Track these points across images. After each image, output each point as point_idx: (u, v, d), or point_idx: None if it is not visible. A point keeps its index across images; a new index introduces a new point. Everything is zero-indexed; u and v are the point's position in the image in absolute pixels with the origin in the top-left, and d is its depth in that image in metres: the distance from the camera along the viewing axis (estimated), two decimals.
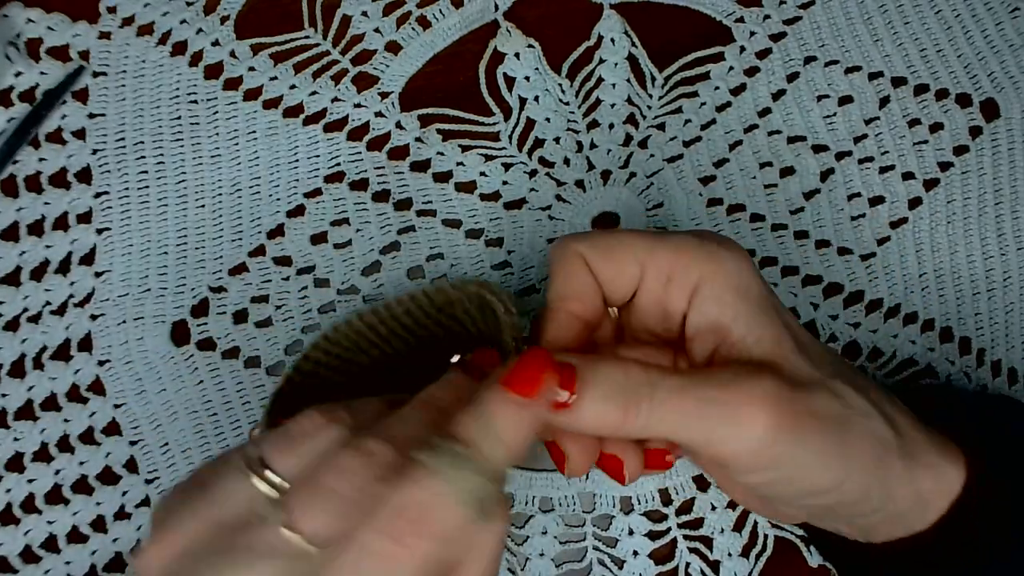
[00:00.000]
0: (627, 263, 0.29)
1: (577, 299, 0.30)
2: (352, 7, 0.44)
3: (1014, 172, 0.44)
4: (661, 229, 0.33)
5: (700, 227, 0.40)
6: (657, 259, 0.29)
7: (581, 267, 0.30)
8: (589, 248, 0.30)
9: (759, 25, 0.44)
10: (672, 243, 0.29)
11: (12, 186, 0.41)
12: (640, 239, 0.30)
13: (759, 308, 0.29)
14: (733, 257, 0.29)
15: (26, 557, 0.39)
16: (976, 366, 0.42)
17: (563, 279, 0.30)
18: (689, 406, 0.26)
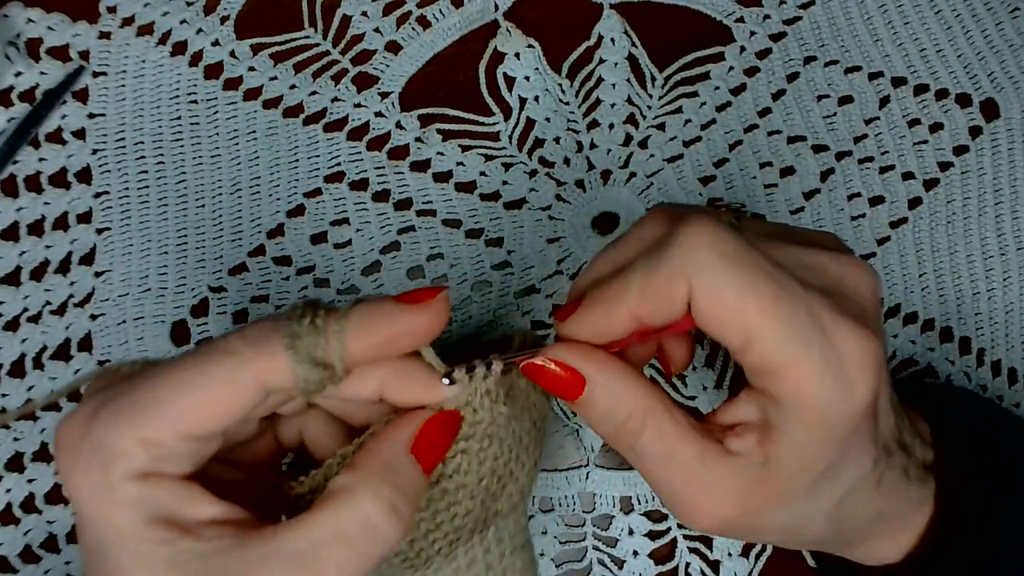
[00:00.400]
0: (733, 329, 0.25)
1: (651, 314, 0.26)
2: (352, 7, 0.44)
3: (1014, 172, 0.44)
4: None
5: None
6: (769, 349, 0.24)
7: (681, 294, 0.25)
8: (704, 288, 0.25)
9: (759, 25, 0.44)
10: (798, 348, 0.24)
11: (12, 186, 0.41)
12: (765, 315, 0.24)
13: (820, 450, 0.26)
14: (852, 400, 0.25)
15: (26, 557, 0.39)
16: (976, 366, 0.42)
17: (654, 292, 0.26)
18: (656, 470, 0.27)
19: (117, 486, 0.23)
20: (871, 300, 0.27)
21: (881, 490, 0.28)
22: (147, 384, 0.24)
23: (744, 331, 0.24)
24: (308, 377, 0.24)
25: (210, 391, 0.23)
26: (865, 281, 0.27)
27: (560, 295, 0.42)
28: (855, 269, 0.27)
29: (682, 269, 0.25)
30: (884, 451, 0.28)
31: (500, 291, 0.42)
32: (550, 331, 0.41)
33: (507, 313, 0.41)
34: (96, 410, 0.24)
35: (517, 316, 0.41)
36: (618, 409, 0.27)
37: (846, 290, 0.26)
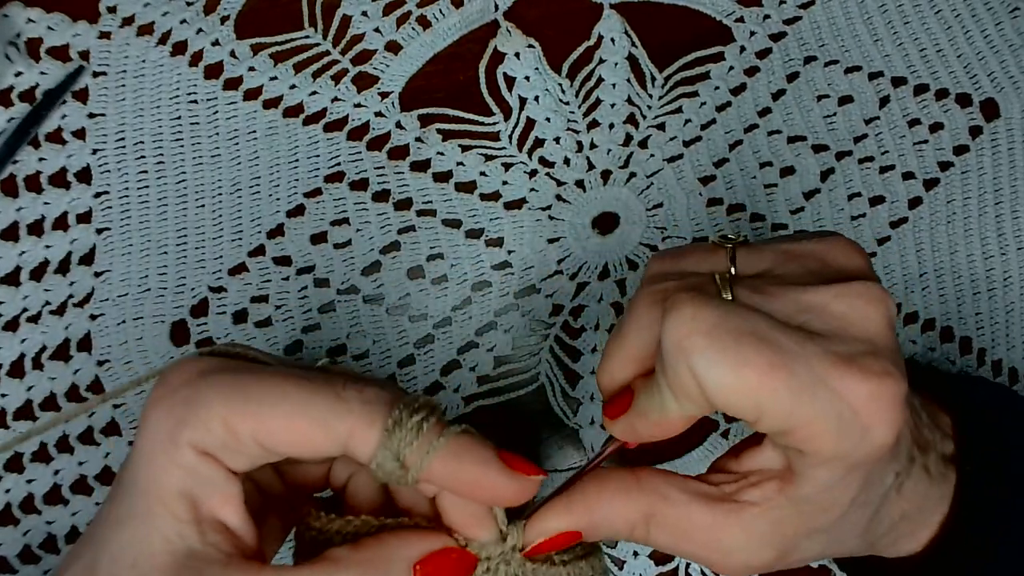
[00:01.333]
0: (744, 405, 0.24)
1: (698, 408, 0.26)
2: (352, 7, 0.44)
3: (1014, 172, 0.44)
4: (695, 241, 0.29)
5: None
6: (779, 417, 0.24)
7: (690, 382, 0.25)
8: (704, 374, 0.24)
9: (759, 25, 0.44)
10: (807, 410, 0.24)
11: (12, 186, 0.41)
12: (766, 387, 0.23)
13: (845, 484, 0.25)
14: (872, 443, 0.24)
15: (25, 557, 0.39)
16: (977, 366, 0.42)
17: (668, 383, 0.25)
18: (679, 549, 0.28)
19: (181, 446, 0.24)
20: (882, 332, 0.25)
21: (903, 493, 0.28)
22: (258, 379, 0.24)
23: (752, 405, 0.24)
24: (383, 465, 0.24)
25: (303, 418, 0.24)
26: (873, 314, 0.25)
27: (560, 295, 0.42)
28: (860, 303, 0.25)
29: (680, 365, 0.24)
30: (907, 460, 0.28)
31: (500, 291, 0.42)
32: (550, 330, 0.41)
33: (507, 313, 0.41)
34: (207, 372, 0.24)
35: (517, 316, 0.41)
36: (620, 529, 0.28)
37: (852, 329, 0.25)
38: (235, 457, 0.24)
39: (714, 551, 0.27)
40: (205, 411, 0.24)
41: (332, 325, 0.41)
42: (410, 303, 0.41)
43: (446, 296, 0.41)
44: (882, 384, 0.24)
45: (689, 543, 0.27)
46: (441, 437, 0.25)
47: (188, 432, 0.24)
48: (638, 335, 0.27)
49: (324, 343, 0.41)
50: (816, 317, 0.25)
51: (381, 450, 0.24)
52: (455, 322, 0.41)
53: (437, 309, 0.41)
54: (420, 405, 0.25)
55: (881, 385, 0.24)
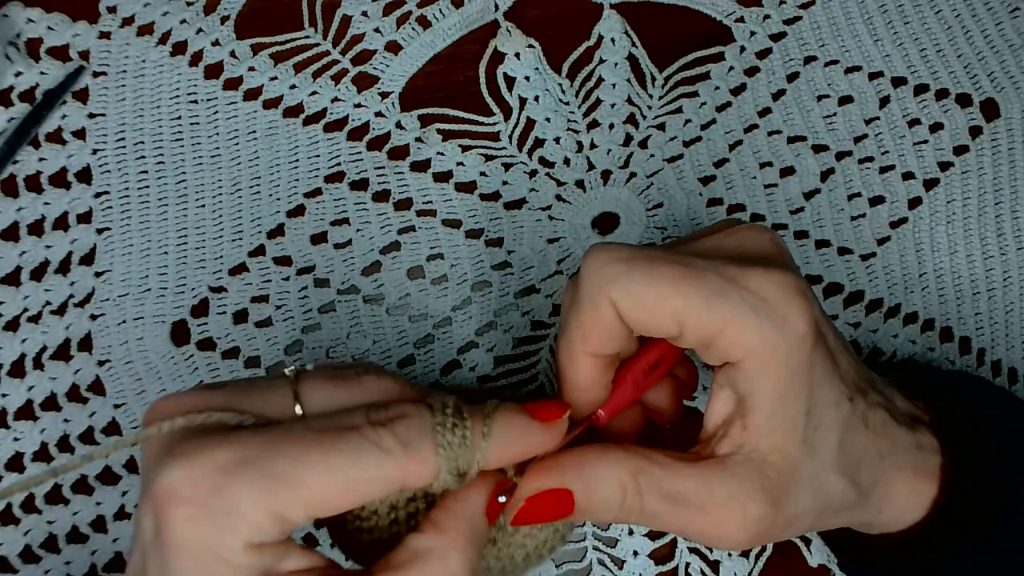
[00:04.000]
0: (664, 320, 0.26)
1: (602, 344, 0.28)
2: (352, 7, 0.44)
3: (1014, 172, 0.44)
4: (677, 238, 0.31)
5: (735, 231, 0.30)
6: (700, 322, 0.26)
7: (610, 314, 0.27)
8: (622, 297, 0.26)
9: (759, 25, 0.44)
10: (722, 307, 0.26)
11: (12, 186, 0.41)
12: (681, 294, 0.26)
13: (791, 392, 0.26)
14: (793, 331, 0.26)
15: (26, 557, 0.39)
16: (976, 366, 0.42)
17: (590, 326, 0.27)
18: (675, 517, 0.28)
19: (238, 552, 0.23)
20: (774, 250, 0.28)
21: (873, 430, 0.29)
22: (290, 457, 0.24)
23: (671, 315, 0.26)
24: (447, 486, 0.26)
25: (358, 483, 0.24)
26: (761, 237, 0.28)
27: (560, 295, 0.42)
28: (749, 232, 0.28)
29: (599, 291, 0.26)
30: (856, 390, 0.28)
31: (500, 291, 0.42)
32: (551, 330, 0.41)
33: (507, 313, 0.41)
34: (230, 470, 0.23)
35: (517, 316, 0.41)
36: (612, 492, 0.27)
37: (747, 251, 0.28)
38: (287, 534, 0.24)
39: (710, 513, 0.27)
40: (253, 512, 0.23)
41: (332, 325, 0.41)
42: (410, 303, 0.41)
43: (446, 296, 0.41)
44: (785, 277, 0.26)
45: (683, 505, 0.27)
46: (485, 437, 0.26)
47: (239, 536, 0.23)
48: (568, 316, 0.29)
49: (324, 343, 0.41)
50: (713, 252, 0.27)
51: (442, 476, 0.25)
52: (455, 322, 0.41)
53: (437, 309, 0.41)
54: (454, 419, 0.26)
55: (785, 278, 0.26)
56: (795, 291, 0.26)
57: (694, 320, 0.26)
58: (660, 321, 0.26)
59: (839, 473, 0.28)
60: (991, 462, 0.30)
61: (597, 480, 0.27)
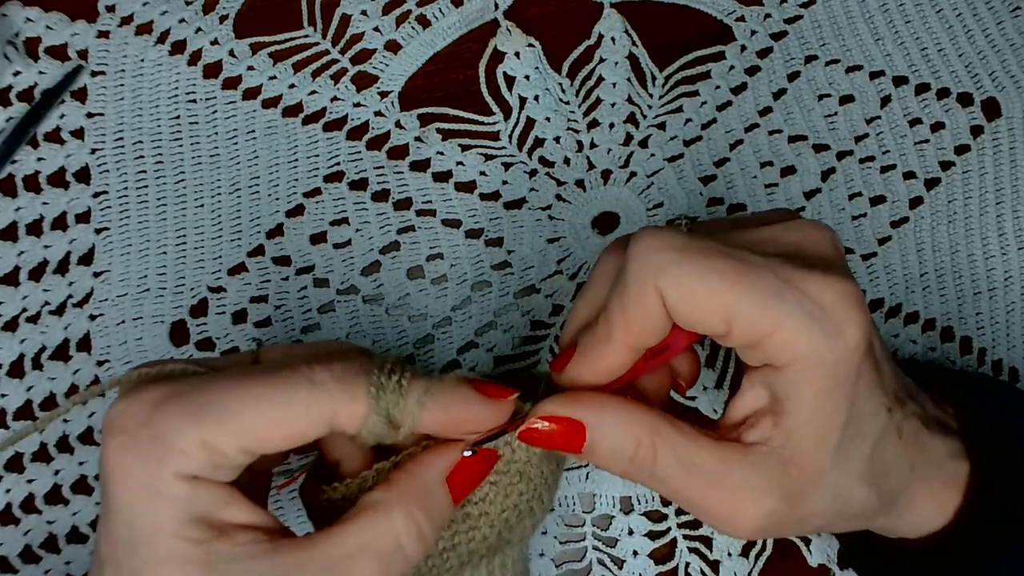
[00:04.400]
0: (712, 317, 0.25)
1: (642, 335, 0.26)
2: (351, 6, 0.43)
3: (1015, 171, 0.44)
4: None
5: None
6: (751, 323, 0.25)
7: (655, 304, 0.25)
8: (671, 287, 0.25)
9: (760, 24, 0.44)
10: (776, 310, 0.24)
11: (10, 186, 0.41)
12: (734, 292, 0.24)
13: (832, 402, 0.25)
14: (846, 344, 0.25)
15: (26, 557, 0.39)
16: (977, 366, 0.42)
17: (634, 313, 0.26)
18: (685, 485, 0.27)
19: (168, 482, 0.23)
20: (833, 252, 0.27)
21: (905, 440, 0.28)
22: (221, 390, 0.24)
23: (722, 312, 0.25)
24: (376, 430, 0.25)
25: (287, 415, 0.24)
26: (821, 237, 0.27)
27: (560, 295, 0.42)
28: (809, 230, 0.27)
29: (645, 279, 0.25)
30: (896, 400, 0.27)
31: (500, 291, 0.42)
32: (551, 330, 0.41)
33: (507, 313, 0.41)
34: (161, 401, 0.24)
35: (517, 316, 0.41)
36: (625, 442, 0.27)
37: (805, 251, 0.26)
38: (222, 471, 0.24)
39: (721, 493, 0.26)
40: (181, 441, 0.23)
41: (332, 325, 0.41)
42: (410, 303, 0.41)
43: (446, 296, 0.41)
44: (845, 285, 0.25)
45: (697, 483, 0.26)
46: (423, 391, 0.25)
47: (170, 465, 0.23)
48: (604, 282, 0.28)
49: None
50: (770, 246, 0.26)
51: (372, 417, 0.25)
52: (455, 322, 0.41)
53: (437, 309, 0.41)
54: (392, 365, 0.25)
55: (844, 286, 0.25)
56: (853, 301, 0.25)
57: (745, 320, 0.25)
58: (708, 317, 0.25)
59: (865, 483, 0.27)
60: (1018, 474, 0.30)
61: (614, 426, 0.27)
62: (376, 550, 0.25)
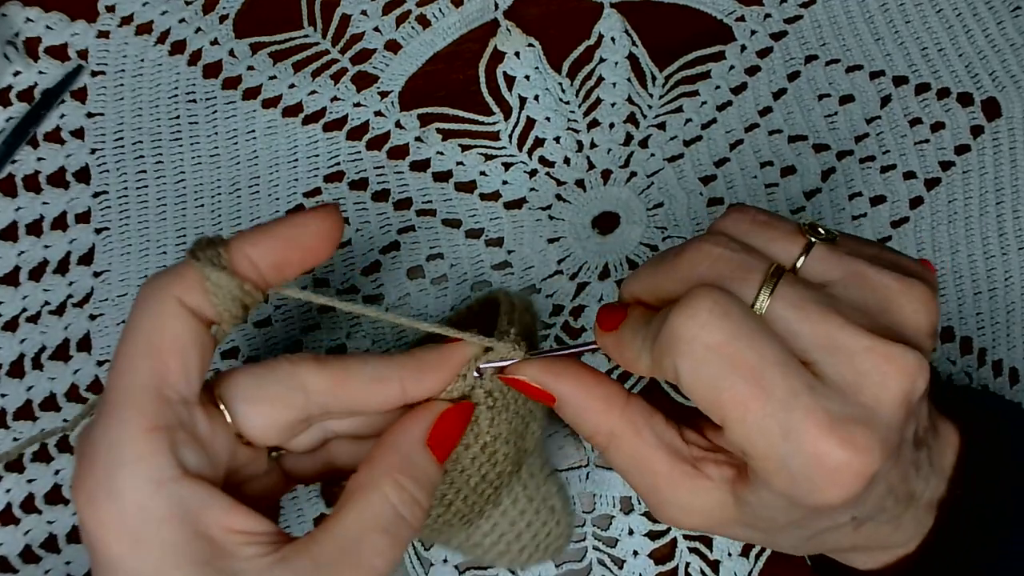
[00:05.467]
0: (711, 414, 0.25)
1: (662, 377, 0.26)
2: (351, 6, 0.43)
3: (1016, 171, 0.44)
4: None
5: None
6: (739, 443, 0.24)
7: (672, 374, 0.25)
8: (684, 377, 0.24)
9: (760, 24, 0.44)
10: (768, 447, 0.23)
11: (10, 186, 0.41)
12: (736, 413, 0.24)
13: (791, 513, 0.26)
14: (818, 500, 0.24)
15: (26, 557, 0.39)
16: (977, 366, 0.42)
17: (658, 370, 0.25)
18: (632, 482, 0.28)
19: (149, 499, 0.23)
20: (890, 406, 0.24)
21: (860, 532, 0.28)
22: (110, 383, 0.24)
23: (720, 418, 0.24)
24: (219, 283, 0.25)
25: (148, 331, 0.24)
26: (892, 385, 0.24)
27: (560, 295, 0.42)
28: (887, 368, 0.24)
29: (666, 356, 0.24)
30: (873, 509, 0.27)
31: None
32: (551, 331, 0.41)
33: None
34: (85, 439, 0.24)
35: None
36: (583, 428, 0.28)
37: (862, 391, 0.24)
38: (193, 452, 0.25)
39: (656, 495, 0.28)
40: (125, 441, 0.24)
41: (332, 325, 0.41)
42: (410, 303, 0.41)
43: (446, 296, 0.41)
44: (856, 457, 0.23)
45: (639, 477, 0.28)
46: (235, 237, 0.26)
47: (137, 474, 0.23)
48: (668, 279, 0.27)
49: (324, 343, 0.41)
50: (835, 362, 0.24)
51: (207, 273, 0.25)
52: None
53: (437, 309, 0.41)
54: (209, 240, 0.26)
55: (855, 458, 0.23)
56: (853, 476, 0.23)
57: (736, 439, 0.24)
58: (707, 411, 0.24)
59: (797, 547, 0.29)
60: (983, 541, 0.29)
61: (578, 410, 0.28)
62: (380, 526, 0.25)
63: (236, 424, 0.26)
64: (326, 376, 0.27)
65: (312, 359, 0.27)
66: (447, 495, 0.29)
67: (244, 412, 0.26)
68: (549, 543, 0.32)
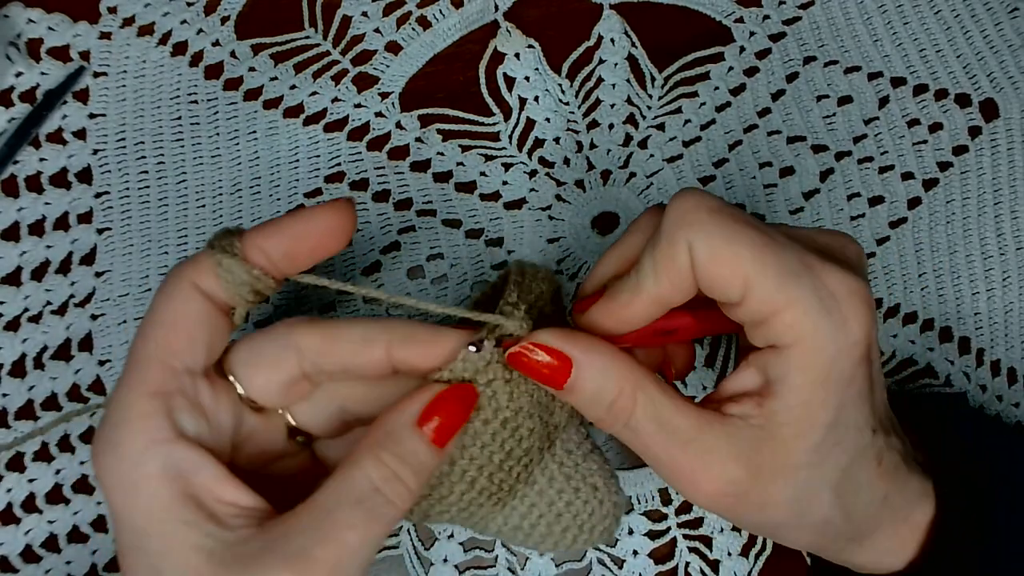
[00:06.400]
0: (732, 282, 0.26)
1: (670, 289, 0.27)
2: (352, 7, 0.44)
3: (1013, 172, 0.44)
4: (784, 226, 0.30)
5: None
6: (765, 295, 0.25)
7: (684, 258, 0.26)
8: (700, 244, 0.25)
9: (758, 25, 0.44)
10: (791, 287, 0.25)
11: (13, 186, 0.42)
12: (757, 261, 0.25)
13: (821, 397, 0.26)
14: (848, 336, 0.25)
15: (27, 557, 0.39)
16: (975, 366, 0.42)
17: (664, 264, 0.26)
18: (655, 441, 0.28)
19: (142, 453, 0.25)
20: (856, 260, 0.28)
21: (883, 470, 0.28)
22: (128, 352, 0.27)
23: (741, 279, 0.25)
24: (230, 268, 0.27)
25: (162, 308, 0.27)
26: (849, 245, 0.28)
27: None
28: (841, 239, 0.28)
29: (677, 233, 0.26)
30: (881, 426, 0.28)
31: None
32: None
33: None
34: (108, 399, 0.27)
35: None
36: (607, 387, 0.27)
37: (833, 251, 0.28)
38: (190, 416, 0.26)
39: (689, 454, 0.27)
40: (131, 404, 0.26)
41: None
42: None
43: (446, 296, 0.41)
44: (858, 283, 0.26)
45: (669, 442, 0.27)
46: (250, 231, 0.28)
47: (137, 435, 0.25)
48: (638, 238, 0.29)
49: None
50: (802, 240, 0.27)
51: (218, 259, 0.27)
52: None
53: None
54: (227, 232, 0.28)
55: (858, 284, 0.26)
56: (864, 300, 0.26)
57: (760, 292, 0.25)
58: (728, 281, 0.25)
59: (834, 494, 0.28)
60: (981, 516, 0.30)
61: (601, 370, 0.27)
62: (354, 498, 0.25)
63: (238, 386, 0.28)
64: (316, 335, 0.28)
65: (306, 320, 0.28)
66: (468, 472, 0.28)
67: (244, 375, 0.28)
68: (595, 524, 0.31)
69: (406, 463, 0.26)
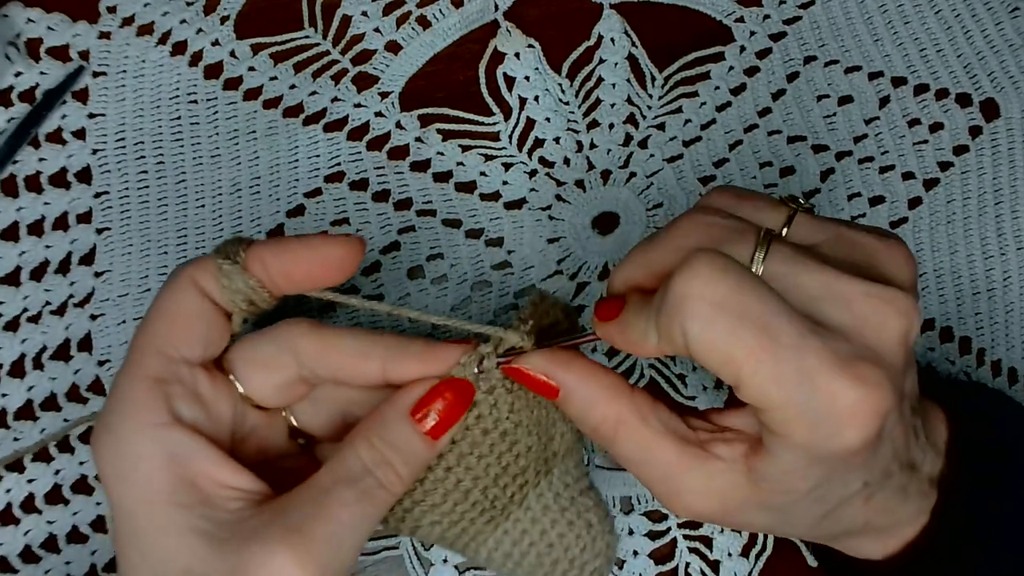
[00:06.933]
0: (724, 372, 0.25)
1: (673, 351, 0.26)
2: (352, 7, 0.44)
3: (1014, 172, 0.44)
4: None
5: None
6: (755, 395, 0.25)
7: (682, 340, 0.25)
8: (694, 339, 0.25)
9: (759, 25, 0.44)
10: (785, 395, 0.24)
11: (12, 186, 0.41)
12: (749, 366, 0.24)
13: (806, 473, 0.26)
14: (840, 445, 0.24)
15: (26, 557, 0.39)
16: (976, 366, 0.42)
17: (665, 337, 0.26)
18: (641, 473, 0.28)
19: (138, 436, 0.26)
20: (892, 346, 0.25)
21: (871, 505, 0.28)
22: (130, 341, 0.28)
23: (734, 376, 0.24)
24: (228, 274, 0.27)
25: (163, 301, 0.28)
26: (891, 324, 0.25)
27: (560, 295, 0.42)
28: (885, 309, 0.25)
29: (675, 318, 0.25)
30: (881, 474, 0.27)
31: (500, 291, 0.42)
32: None
33: (507, 313, 0.41)
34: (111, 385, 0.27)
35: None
36: (589, 417, 0.28)
37: (865, 332, 0.25)
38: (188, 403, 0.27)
39: (667, 484, 0.28)
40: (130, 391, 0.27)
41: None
42: (410, 303, 0.41)
43: (446, 296, 0.41)
44: (870, 393, 0.24)
45: (648, 467, 0.28)
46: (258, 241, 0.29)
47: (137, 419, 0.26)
48: (663, 252, 0.28)
49: None
50: (836, 308, 0.25)
51: (218, 263, 0.27)
52: None
53: (437, 309, 0.41)
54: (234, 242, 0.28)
55: (869, 394, 0.24)
56: (871, 412, 0.24)
57: (751, 391, 0.24)
58: (719, 372, 0.25)
59: (809, 526, 0.28)
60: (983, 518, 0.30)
61: (585, 400, 0.28)
62: (347, 477, 0.26)
63: (237, 383, 0.29)
64: (315, 342, 0.28)
65: (308, 324, 0.29)
66: (463, 481, 0.28)
67: (243, 374, 0.29)
68: (586, 561, 0.31)
69: (397, 450, 0.27)
